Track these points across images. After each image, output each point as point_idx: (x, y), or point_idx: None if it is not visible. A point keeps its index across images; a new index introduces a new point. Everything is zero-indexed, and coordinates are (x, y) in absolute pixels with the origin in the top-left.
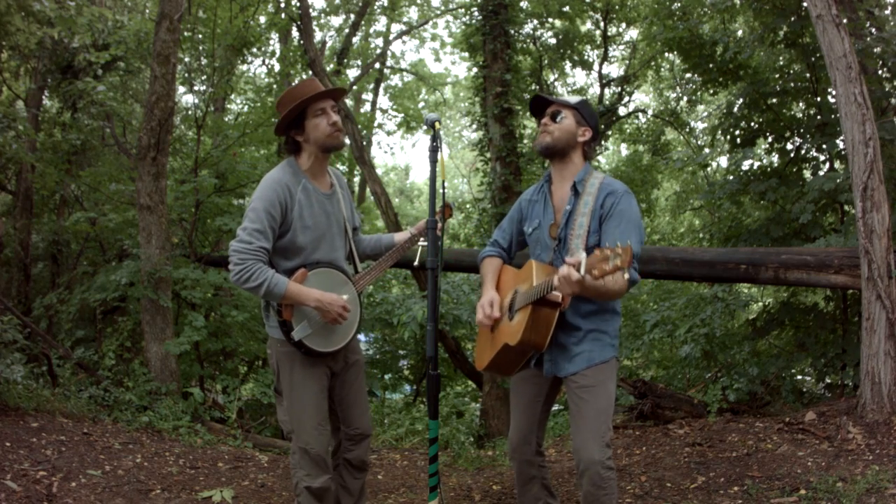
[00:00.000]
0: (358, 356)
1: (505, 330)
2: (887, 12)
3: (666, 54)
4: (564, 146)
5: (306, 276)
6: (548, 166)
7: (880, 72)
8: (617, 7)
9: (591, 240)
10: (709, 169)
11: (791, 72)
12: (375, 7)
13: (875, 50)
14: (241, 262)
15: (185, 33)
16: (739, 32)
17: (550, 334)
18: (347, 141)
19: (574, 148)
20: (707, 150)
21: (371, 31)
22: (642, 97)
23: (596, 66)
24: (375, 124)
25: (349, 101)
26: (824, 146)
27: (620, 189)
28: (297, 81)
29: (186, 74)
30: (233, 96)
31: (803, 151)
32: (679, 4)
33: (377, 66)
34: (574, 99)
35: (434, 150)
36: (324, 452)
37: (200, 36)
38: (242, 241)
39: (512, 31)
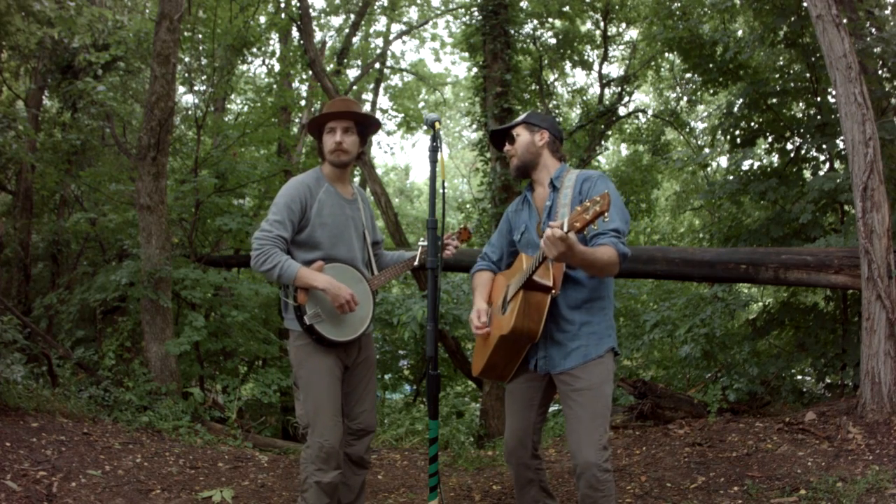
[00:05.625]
0: (370, 353)
1: (498, 324)
2: (887, 12)
3: (666, 54)
4: (530, 158)
5: (323, 267)
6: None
7: (880, 72)
8: (617, 7)
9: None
10: (709, 169)
11: (791, 72)
12: (375, 7)
13: (875, 50)
14: (259, 247)
15: (185, 33)
16: (739, 32)
17: (543, 321)
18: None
19: (539, 154)
20: (707, 150)
21: (371, 31)
22: (642, 97)
23: (596, 66)
24: None
25: None
26: (824, 146)
27: (595, 174)
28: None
29: (186, 74)
30: (233, 96)
31: (803, 151)
32: (679, 4)
33: (377, 66)
34: (520, 117)
35: (434, 150)
36: (338, 446)
37: (200, 36)
38: (263, 230)
39: (512, 31)
